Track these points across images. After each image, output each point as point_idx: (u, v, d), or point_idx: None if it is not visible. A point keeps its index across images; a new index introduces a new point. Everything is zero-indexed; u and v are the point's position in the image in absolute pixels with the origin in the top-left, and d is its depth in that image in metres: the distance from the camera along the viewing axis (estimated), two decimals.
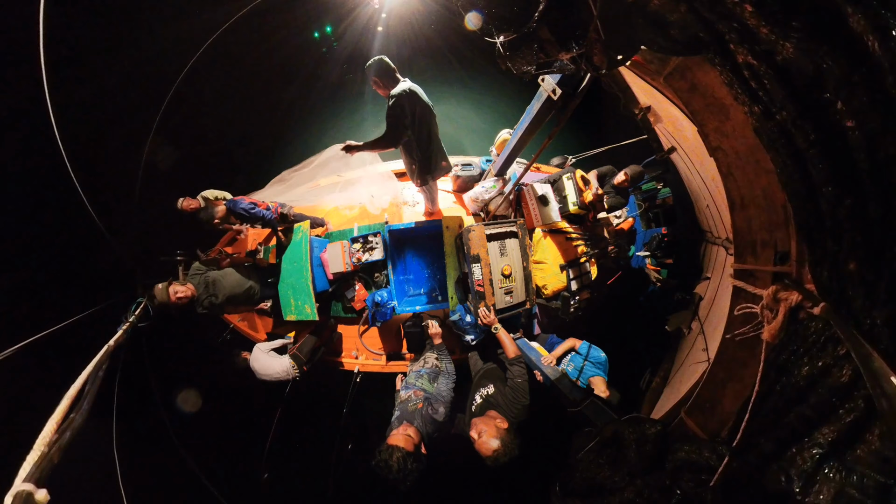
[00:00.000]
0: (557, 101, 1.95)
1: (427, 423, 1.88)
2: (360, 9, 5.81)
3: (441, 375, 2.27)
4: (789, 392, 0.89)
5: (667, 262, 3.29)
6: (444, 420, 1.97)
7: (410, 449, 1.61)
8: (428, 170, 2.94)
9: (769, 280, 1.24)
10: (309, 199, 3.71)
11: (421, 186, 3.18)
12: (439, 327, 2.57)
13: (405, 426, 1.75)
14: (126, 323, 2.14)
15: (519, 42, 1.52)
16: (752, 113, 1.04)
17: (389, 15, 5.89)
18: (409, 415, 1.91)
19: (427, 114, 2.69)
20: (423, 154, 2.83)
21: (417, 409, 1.94)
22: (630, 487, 1.15)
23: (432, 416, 1.94)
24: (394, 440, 1.65)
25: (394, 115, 2.53)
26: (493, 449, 1.64)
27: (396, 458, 1.54)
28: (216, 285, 2.87)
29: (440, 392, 2.11)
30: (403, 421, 1.85)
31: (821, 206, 0.91)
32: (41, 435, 0.86)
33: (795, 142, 0.91)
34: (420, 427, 1.81)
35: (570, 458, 1.58)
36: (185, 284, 2.66)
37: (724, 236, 2.27)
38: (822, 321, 0.90)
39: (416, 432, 1.74)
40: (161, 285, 2.54)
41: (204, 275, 2.85)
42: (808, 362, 0.88)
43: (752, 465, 0.85)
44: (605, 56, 1.33)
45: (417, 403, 1.99)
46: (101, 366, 1.16)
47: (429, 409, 1.96)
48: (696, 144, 1.96)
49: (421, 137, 2.72)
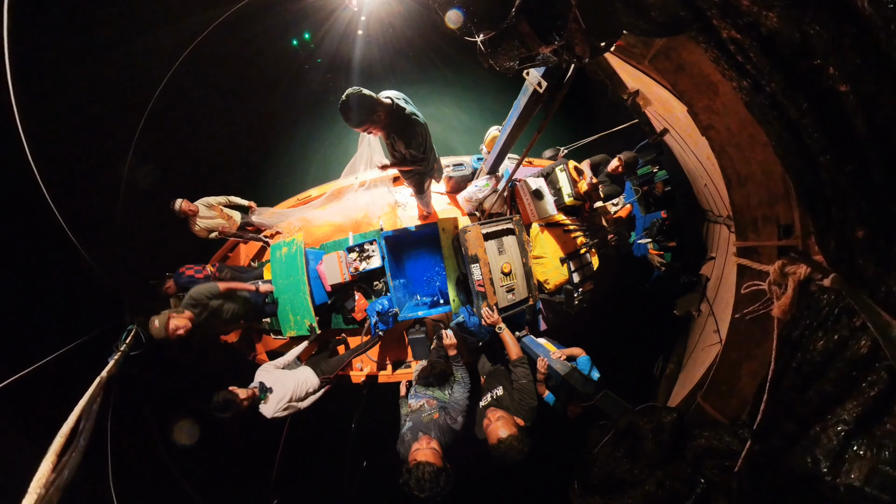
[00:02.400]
0: (544, 94, 1.95)
1: (445, 433, 1.85)
2: (339, 12, 5.81)
3: (456, 384, 2.25)
4: (806, 368, 0.87)
5: (669, 245, 3.28)
6: (461, 430, 1.95)
7: (440, 464, 1.56)
8: (428, 175, 2.94)
9: (774, 255, 1.22)
10: (301, 212, 3.70)
11: (419, 194, 3.17)
12: (454, 337, 2.52)
13: (427, 440, 1.70)
14: (117, 352, 2.06)
15: (499, 39, 1.51)
16: (741, 88, 1.04)
17: (369, 18, 5.89)
18: (424, 426, 1.86)
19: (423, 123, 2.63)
20: (425, 157, 2.80)
21: (434, 420, 1.90)
22: (651, 479, 1.13)
23: (451, 425, 1.91)
24: (422, 455, 1.58)
25: (421, 139, 2.24)
26: (504, 436, 1.64)
27: (428, 475, 1.48)
28: (217, 314, 2.77)
29: (456, 400, 2.09)
30: (419, 432, 1.81)
31: (821, 176, 0.90)
32: (36, 476, 0.84)
33: (788, 113, 0.90)
34: (439, 438, 1.77)
35: (587, 454, 1.56)
36: (181, 313, 2.52)
37: (724, 214, 2.27)
38: (834, 292, 0.88)
39: (439, 445, 1.70)
40: (157, 321, 2.38)
41: (206, 305, 2.71)
42: (823, 336, 0.87)
43: (775, 448, 0.84)
44: (588, 45, 1.33)
45: (433, 413, 1.95)
46: (94, 399, 1.13)
47: (447, 419, 1.92)
48: (688, 124, 1.96)
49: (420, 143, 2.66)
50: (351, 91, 1.88)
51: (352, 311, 3.48)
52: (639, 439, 1.30)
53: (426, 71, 6.05)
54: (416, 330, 3.42)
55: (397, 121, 2.14)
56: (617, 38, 1.31)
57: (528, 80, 2.06)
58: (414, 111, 2.18)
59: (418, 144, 2.22)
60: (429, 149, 2.65)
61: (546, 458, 1.90)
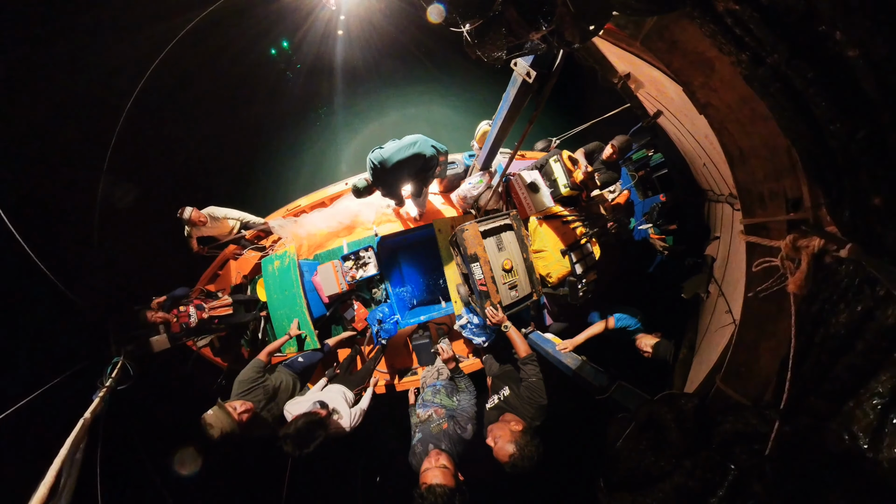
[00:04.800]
0: (533, 84, 1.94)
1: (456, 443, 1.84)
2: (317, 13, 5.73)
3: (461, 392, 2.25)
4: (831, 343, 0.86)
5: (670, 228, 3.30)
6: (472, 438, 1.94)
7: (451, 483, 1.53)
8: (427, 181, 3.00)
9: (784, 230, 1.22)
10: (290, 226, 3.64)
11: (416, 197, 3.18)
12: (450, 350, 2.51)
13: (436, 455, 1.67)
14: (102, 388, 1.91)
15: (486, 27, 1.50)
16: (740, 62, 1.03)
17: (348, 16, 5.83)
18: (433, 437, 1.85)
19: (403, 165, 2.75)
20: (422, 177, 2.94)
21: (443, 430, 1.88)
22: (679, 471, 1.12)
23: (461, 435, 1.90)
24: (431, 477, 1.55)
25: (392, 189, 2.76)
26: (510, 454, 1.63)
27: (441, 499, 1.45)
28: (277, 393, 2.51)
29: (463, 409, 2.08)
30: (429, 444, 1.79)
31: (830, 145, 0.90)
32: None
33: (792, 83, 0.90)
34: (450, 450, 1.76)
35: (609, 450, 1.55)
36: (241, 402, 2.22)
37: (726, 193, 2.28)
38: (853, 263, 0.88)
39: (449, 458, 1.68)
40: (214, 413, 2.04)
41: (262, 384, 2.45)
42: (846, 309, 0.86)
43: (807, 427, 0.83)
44: (577, 29, 1.32)
45: (442, 423, 1.93)
46: (78, 445, 1.04)
47: (456, 429, 1.91)
48: (683, 104, 1.96)
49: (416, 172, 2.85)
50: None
51: (352, 321, 3.44)
52: (661, 430, 1.29)
53: (411, 69, 6.03)
54: (420, 335, 3.39)
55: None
56: (607, 20, 1.30)
57: (516, 71, 2.05)
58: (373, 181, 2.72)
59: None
60: (427, 168, 2.77)
61: (567, 458, 1.89)
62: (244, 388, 2.36)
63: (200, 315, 3.16)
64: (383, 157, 2.64)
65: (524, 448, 1.64)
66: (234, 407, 2.13)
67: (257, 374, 2.44)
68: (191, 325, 3.08)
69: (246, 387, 2.37)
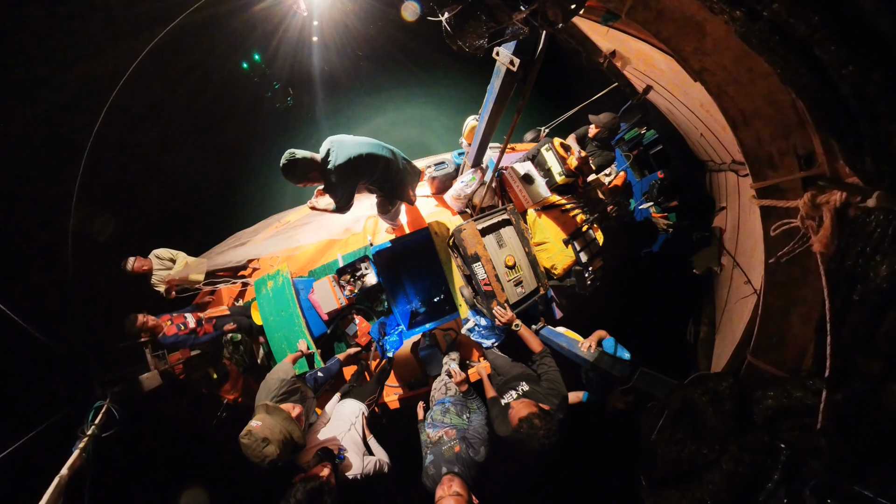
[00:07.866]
0: (518, 72, 1.93)
1: (470, 467, 1.81)
2: (288, 20, 5.65)
3: (473, 413, 2.21)
4: (874, 298, 0.83)
5: (671, 205, 3.30)
6: (485, 460, 1.91)
7: None
8: (393, 197, 2.86)
9: (800, 188, 1.20)
10: (280, 244, 3.58)
11: (382, 214, 3.08)
12: (461, 372, 2.43)
13: (449, 482, 1.64)
14: (84, 438, 1.66)
15: (466, 14, 1.48)
16: (734, 19, 1.01)
17: (321, 21, 5.77)
18: (446, 460, 1.83)
19: (369, 160, 2.50)
20: (385, 189, 2.72)
21: (455, 454, 1.85)
22: (725, 457, 1.07)
23: (474, 458, 1.87)
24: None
25: (343, 188, 2.39)
26: (521, 417, 1.70)
27: None
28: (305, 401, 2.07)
29: (476, 430, 2.03)
30: (441, 467, 1.77)
31: (842, 91, 0.88)
32: None
33: (796, 31, 0.88)
34: (463, 474, 1.73)
35: (644, 444, 1.49)
36: (291, 404, 1.79)
37: (728, 161, 2.27)
38: (883, 211, 0.85)
39: (462, 484, 1.64)
40: (264, 421, 1.54)
41: (300, 387, 2.08)
42: (883, 260, 0.83)
43: (862, 392, 0.79)
44: (559, 7, 1.30)
45: (454, 446, 1.90)
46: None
47: (469, 452, 1.88)
48: (673, 75, 1.96)
49: (374, 179, 2.61)
50: (288, 156, 2.21)
51: (354, 336, 3.37)
52: (698, 415, 1.24)
53: (392, 71, 6.01)
54: (426, 344, 3.32)
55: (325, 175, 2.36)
56: None
57: (499, 61, 2.03)
58: (340, 165, 2.32)
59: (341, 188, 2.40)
60: (387, 180, 2.61)
61: (601, 459, 1.84)
62: (286, 388, 1.79)
63: (197, 316, 3.02)
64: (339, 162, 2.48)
65: (539, 417, 1.69)
66: (289, 408, 1.65)
67: (294, 375, 1.98)
68: (188, 325, 2.95)
69: (288, 387, 1.81)
